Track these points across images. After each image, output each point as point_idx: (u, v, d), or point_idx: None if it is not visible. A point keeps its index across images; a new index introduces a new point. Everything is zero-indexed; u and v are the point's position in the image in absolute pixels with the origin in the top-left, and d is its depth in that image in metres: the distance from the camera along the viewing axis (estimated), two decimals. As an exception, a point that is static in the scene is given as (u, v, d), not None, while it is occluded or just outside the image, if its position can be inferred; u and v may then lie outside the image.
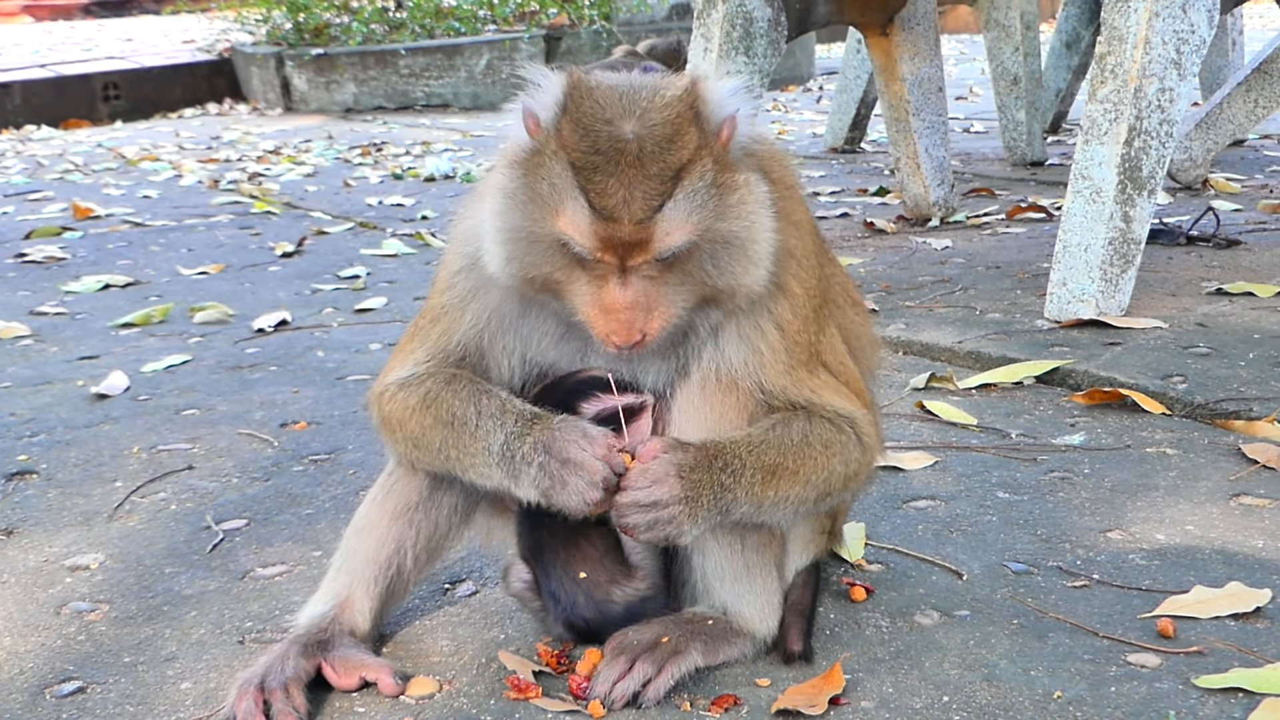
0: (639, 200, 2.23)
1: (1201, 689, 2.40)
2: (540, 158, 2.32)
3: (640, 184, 2.23)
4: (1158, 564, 2.94)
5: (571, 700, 2.45)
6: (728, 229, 2.32)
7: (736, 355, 2.46)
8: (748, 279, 2.36)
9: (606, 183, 2.24)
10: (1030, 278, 5.65)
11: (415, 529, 2.68)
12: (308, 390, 4.57)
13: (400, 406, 2.56)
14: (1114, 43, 4.74)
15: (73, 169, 11.24)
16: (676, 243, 2.27)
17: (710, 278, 2.34)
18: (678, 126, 2.28)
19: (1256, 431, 3.70)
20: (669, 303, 2.33)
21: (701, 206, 2.27)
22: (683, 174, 2.26)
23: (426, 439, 2.52)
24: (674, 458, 2.34)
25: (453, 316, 2.58)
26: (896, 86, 6.91)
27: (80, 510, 3.54)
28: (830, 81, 15.66)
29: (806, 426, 2.46)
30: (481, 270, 2.48)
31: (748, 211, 2.34)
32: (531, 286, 2.39)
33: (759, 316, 2.46)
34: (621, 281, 2.29)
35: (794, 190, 2.58)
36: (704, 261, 2.32)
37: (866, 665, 2.55)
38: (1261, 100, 7.23)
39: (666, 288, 2.32)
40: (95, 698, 2.56)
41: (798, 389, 2.48)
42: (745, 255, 2.35)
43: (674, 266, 2.31)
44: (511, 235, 2.35)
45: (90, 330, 5.62)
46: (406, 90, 15.41)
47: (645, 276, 2.29)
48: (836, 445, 2.48)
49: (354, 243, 7.49)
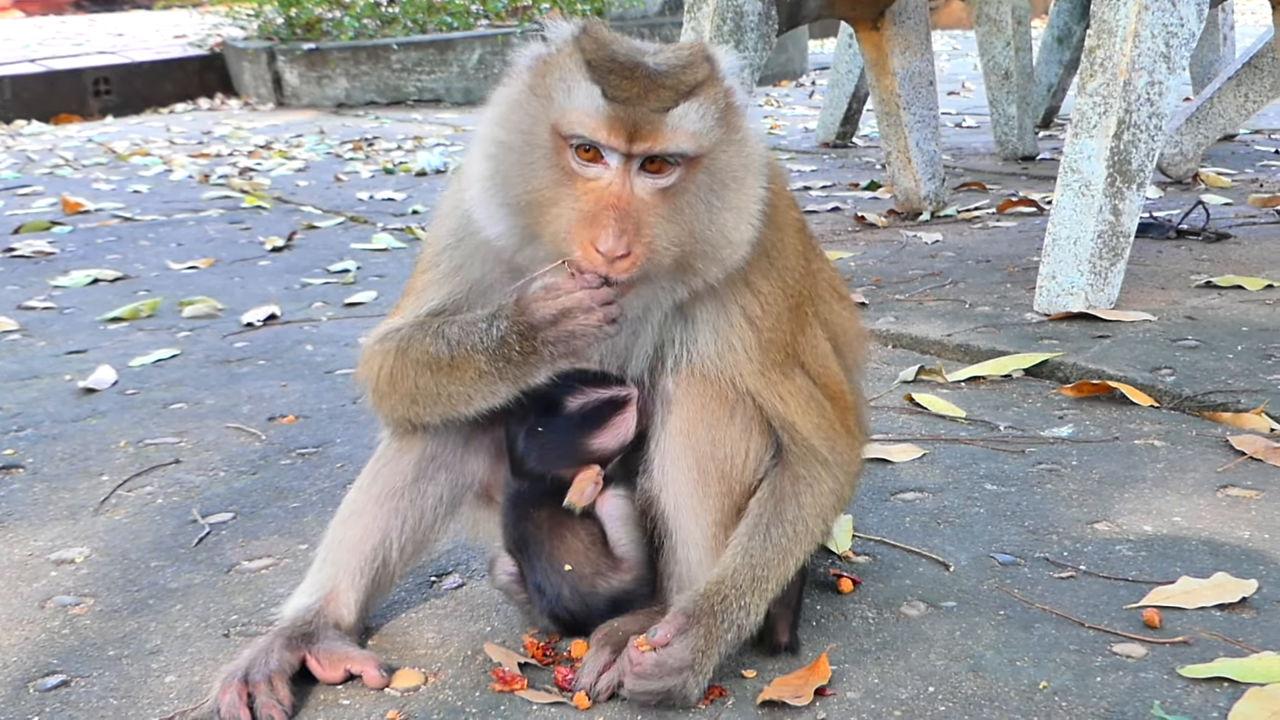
0: (653, 97, 2.25)
1: (1187, 679, 2.40)
2: (552, 63, 2.33)
3: (655, 88, 2.26)
4: (1144, 555, 2.94)
5: (557, 692, 2.45)
6: (726, 163, 2.33)
7: (710, 348, 2.46)
8: (734, 234, 2.36)
9: (621, 80, 2.25)
10: (1020, 271, 5.65)
11: (401, 519, 2.67)
12: (296, 384, 4.56)
13: (376, 365, 2.57)
14: (1103, 36, 4.74)
15: (63, 164, 11.21)
16: (683, 144, 2.26)
17: (699, 223, 2.32)
18: (693, 59, 2.32)
19: (1244, 423, 3.70)
20: (657, 232, 2.29)
21: (711, 127, 2.29)
22: (697, 92, 2.28)
23: (419, 388, 2.50)
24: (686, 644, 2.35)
25: (433, 289, 2.58)
26: (887, 81, 6.91)
27: (66, 504, 3.53)
28: (823, 77, 15.65)
29: (796, 510, 2.50)
30: (465, 247, 2.49)
31: (747, 153, 2.37)
32: (517, 219, 2.36)
33: (731, 311, 2.45)
34: (617, 185, 2.27)
35: (780, 192, 2.57)
36: (697, 199, 2.32)
37: (853, 656, 2.55)
38: (1252, 95, 7.24)
39: (657, 215, 2.29)
40: (79, 691, 2.55)
41: (770, 394, 2.48)
42: (736, 203, 2.35)
43: (669, 196, 2.29)
44: (504, 147, 2.35)
45: (78, 325, 5.61)
46: (398, 85, 15.39)
47: (641, 194, 2.28)
48: (827, 503, 2.55)
49: (344, 237, 7.48)
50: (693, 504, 2.48)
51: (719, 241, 2.35)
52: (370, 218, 8.02)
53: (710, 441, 2.46)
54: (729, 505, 2.49)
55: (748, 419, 2.48)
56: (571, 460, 2.56)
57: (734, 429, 2.47)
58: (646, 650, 2.33)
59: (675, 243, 2.32)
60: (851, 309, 2.88)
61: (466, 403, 2.49)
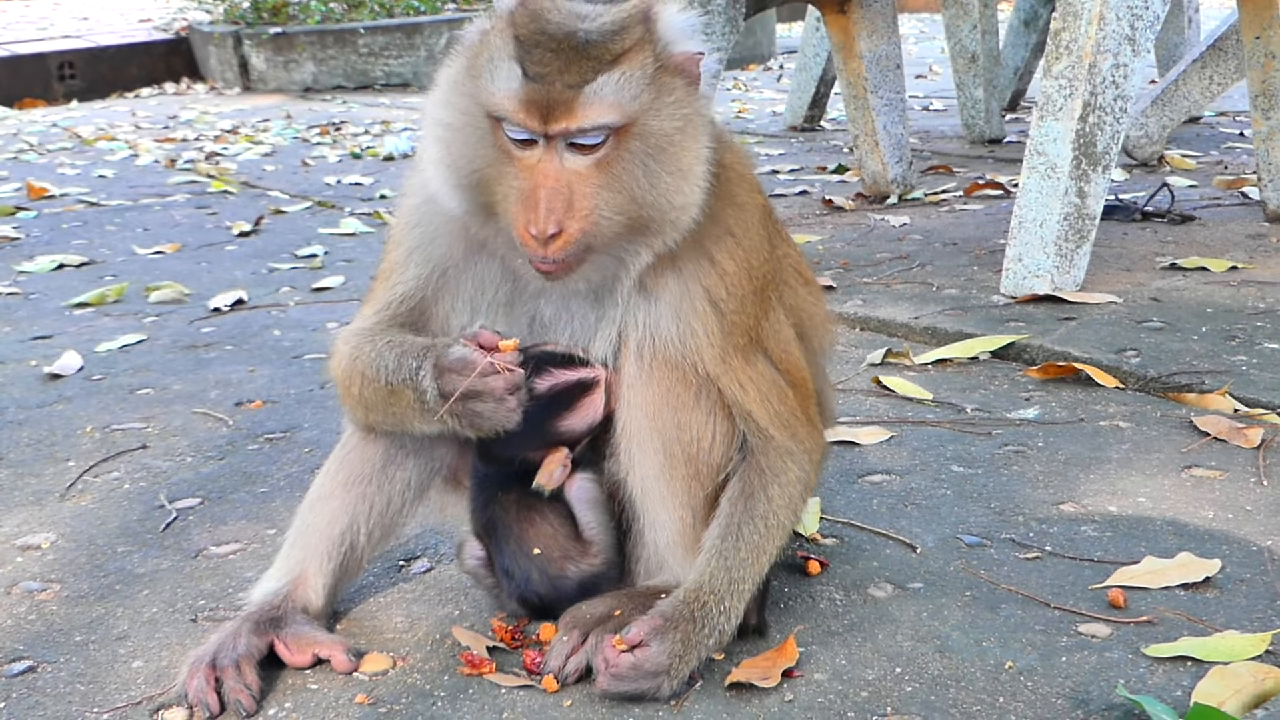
0: (573, 71, 2.23)
1: (1151, 658, 2.42)
2: (486, 39, 2.33)
3: (577, 61, 2.23)
4: (1109, 535, 2.96)
5: (525, 675, 2.45)
6: (659, 128, 2.29)
7: (672, 329, 2.45)
8: (679, 198, 2.33)
9: (544, 55, 2.24)
10: (987, 254, 5.67)
11: (369, 503, 2.67)
12: (264, 369, 4.54)
13: (338, 364, 2.58)
14: (1069, 18, 4.76)
15: (27, 149, 11.13)
16: (602, 118, 2.24)
17: (640, 188, 2.30)
18: (625, 24, 2.28)
19: (1208, 404, 3.73)
20: (593, 204, 2.28)
21: (635, 96, 2.26)
22: (622, 60, 2.26)
23: (365, 397, 2.52)
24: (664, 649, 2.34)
25: (400, 272, 2.58)
26: (854, 64, 6.91)
27: (32, 490, 3.51)
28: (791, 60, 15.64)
29: (766, 505, 2.50)
30: (428, 225, 2.50)
31: (683, 114, 2.32)
32: (472, 198, 2.36)
33: (694, 292, 2.44)
34: (545, 163, 2.26)
35: (744, 176, 2.56)
36: (634, 166, 2.29)
37: (820, 638, 2.56)
38: (1216, 77, 7.27)
39: (592, 187, 2.28)
40: (45, 677, 2.54)
41: (730, 380, 2.47)
42: (677, 165, 2.32)
43: (603, 166, 2.28)
44: (449, 129, 2.37)
45: (44, 310, 5.57)
46: (366, 69, 15.32)
47: (572, 169, 2.27)
48: (795, 492, 2.56)
49: (312, 222, 7.45)
50: (659, 487, 2.48)
51: (663, 206, 2.32)
52: (338, 202, 7.99)
53: (676, 425, 2.46)
54: (696, 488, 2.49)
55: (712, 403, 2.48)
56: (539, 443, 2.56)
57: (699, 412, 2.47)
58: (623, 651, 2.33)
59: (617, 211, 2.30)
60: (817, 294, 2.88)
61: (410, 425, 2.50)
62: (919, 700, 2.33)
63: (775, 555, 2.52)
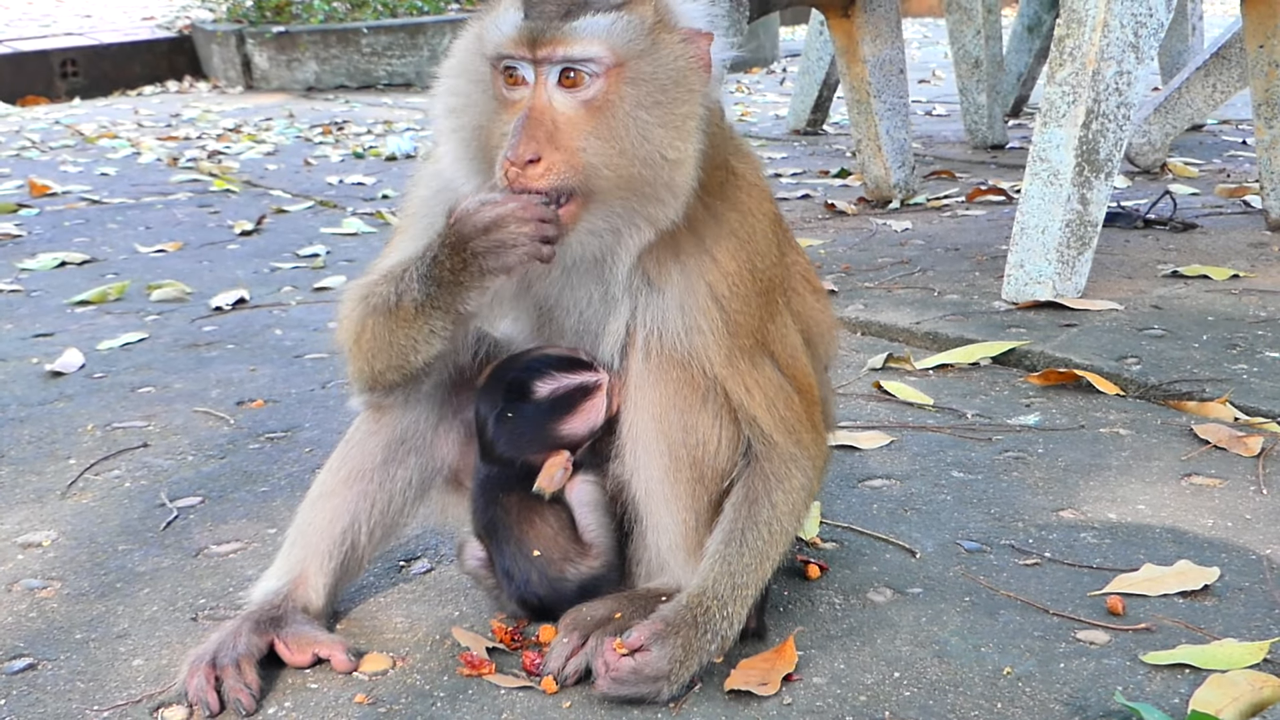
0: (571, 9, 2.25)
1: (1149, 665, 2.42)
2: (493, 5, 2.36)
3: (579, 3, 2.25)
4: (1109, 542, 2.97)
5: (525, 676, 2.45)
6: (653, 75, 2.28)
7: (678, 322, 2.44)
8: (671, 152, 2.29)
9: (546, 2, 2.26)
10: (988, 260, 5.68)
11: (370, 501, 2.67)
12: (265, 368, 4.55)
13: (346, 315, 2.56)
14: (1072, 25, 4.76)
15: (30, 146, 11.13)
16: (591, 49, 2.24)
17: (630, 138, 2.27)
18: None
19: (1208, 412, 3.73)
20: (579, 144, 2.26)
21: (630, 40, 2.26)
22: (623, 8, 2.27)
23: (375, 340, 2.48)
24: (665, 654, 2.34)
25: (404, 248, 2.56)
26: (858, 68, 6.92)
27: (33, 487, 3.51)
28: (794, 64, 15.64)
29: (770, 511, 2.50)
30: (437, 205, 2.48)
31: (679, 68, 2.30)
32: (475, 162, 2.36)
33: (698, 288, 2.43)
34: (532, 98, 2.26)
35: (754, 184, 2.54)
36: (624, 114, 2.27)
37: (819, 642, 2.56)
38: (1220, 85, 7.27)
39: (578, 128, 2.26)
40: (46, 674, 2.54)
41: (736, 384, 2.47)
42: (669, 118, 2.29)
43: (592, 110, 2.26)
44: (456, 92, 2.39)
45: (45, 308, 5.58)
46: (369, 69, 15.32)
47: (559, 106, 2.26)
48: (799, 499, 2.55)
49: (314, 221, 7.45)
50: (664, 489, 2.48)
51: (655, 161, 2.29)
52: (340, 202, 8.00)
53: (682, 427, 2.46)
54: (700, 491, 2.49)
55: (719, 406, 2.48)
56: (541, 445, 2.56)
57: (706, 415, 2.47)
58: (624, 654, 2.33)
59: (605, 162, 2.27)
60: (825, 301, 2.88)
61: (413, 350, 2.45)
62: (917, 705, 2.33)
63: (778, 561, 2.52)
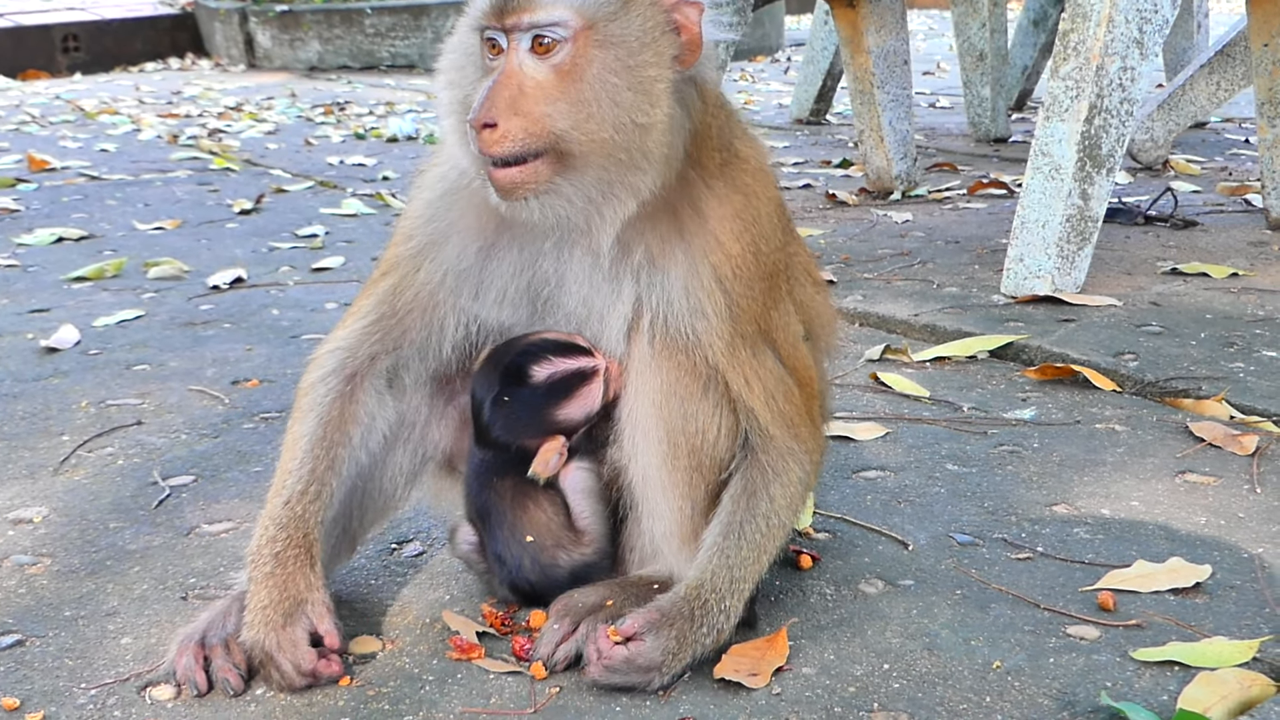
0: None
1: (1138, 662, 2.42)
2: None
3: None
4: (1101, 538, 2.96)
5: (514, 661, 2.45)
6: (621, 37, 2.27)
7: (683, 304, 2.42)
8: (641, 116, 2.28)
9: None
10: (988, 253, 5.67)
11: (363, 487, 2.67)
12: (261, 348, 4.54)
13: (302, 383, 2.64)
14: (1077, 20, 4.75)
15: (29, 120, 11.12)
16: (556, 15, 2.23)
17: (599, 102, 2.26)
18: None
19: (1204, 410, 3.73)
20: (544, 110, 2.25)
21: (600, 2, 2.26)
22: None
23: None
24: (659, 645, 2.34)
25: (405, 269, 2.56)
26: (862, 59, 6.90)
27: (26, 463, 3.51)
28: (798, 53, 15.64)
29: (769, 504, 2.49)
30: (443, 220, 2.48)
31: (648, 29, 2.29)
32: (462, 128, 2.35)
33: (702, 269, 2.42)
34: (504, 64, 2.27)
35: (759, 168, 2.53)
36: (593, 77, 2.26)
37: (809, 632, 2.56)
38: (1224, 83, 7.26)
39: (546, 93, 2.25)
40: (34, 651, 2.54)
41: (735, 374, 2.46)
42: (638, 81, 2.28)
43: (561, 75, 2.26)
44: (453, 66, 2.43)
45: (42, 283, 5.57)
46: (372, 50, 15.31)
47: (529, 73, 2.26)
48: (796, 492, 2.54)
49: (313, 201, 7.44)
50: (661, 476, 2.47)
51: (625, 124, 2.27)
52: (340, 183, 7.99)
53: (682, 415, 2.45)
54: (697, 480, 2.48)
55: (719, 396, 2.47)
56: (537, 430, 2.56)
57: (706, 404, 2.46)
58: (618, 642, 2.32)
59: (575, 125, 2.26)
60: (825, 293, 2.87)
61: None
62: (906, 697, 2.33)
63: (775, 555, 2.52)
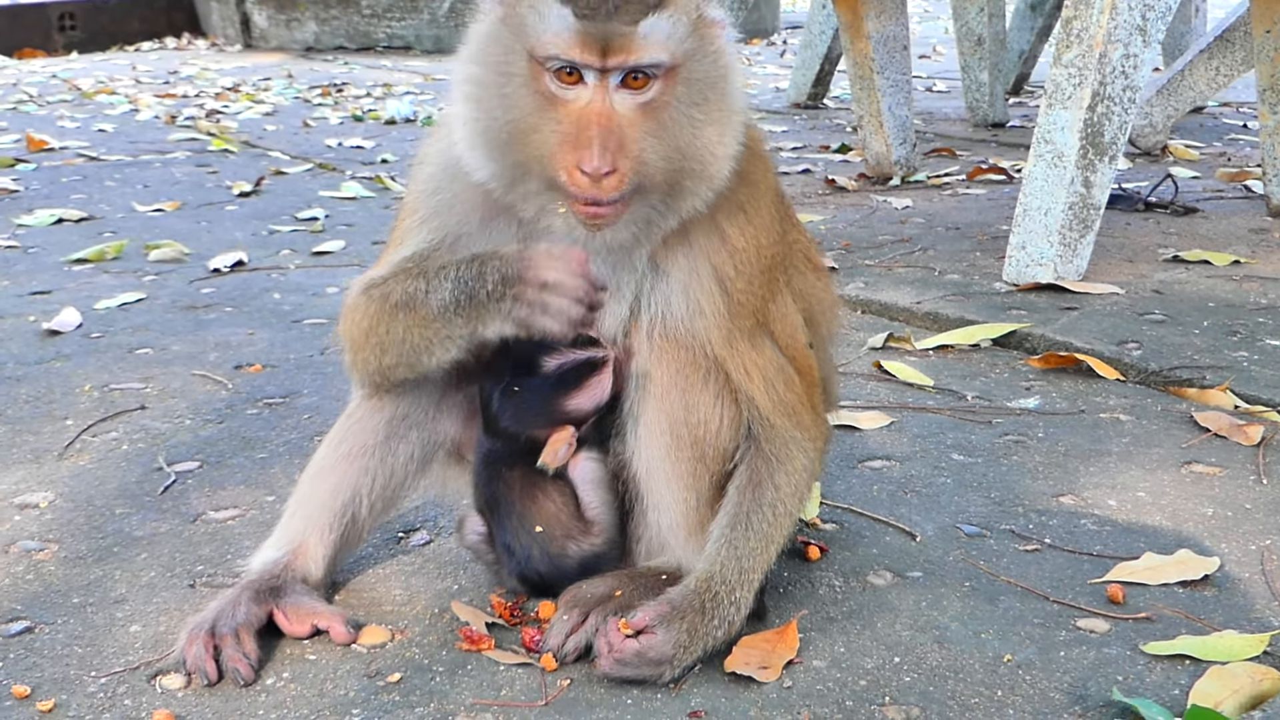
0: (626, 11, 2.22)
1: (1149, 655, 2.42)
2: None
3: (625, 3, 2.22)
4: (1109, 530, 2.97)
5: (524, 653, 2.45)
6: (703, 74, 2.32)
7: (681, 305, 2.44)
8: (720, 148, 2.33)
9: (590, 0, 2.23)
10: (989, 240, 5.67)
11: (371, 476, 2.66)
12: (263, 332, 4.53)
13: (360, 312, 2.52)
14: (1080, 7, 4.74)
15: (27, 100, 11.08)
16: (658, 55, 2.24)
17: (684, 136, 2.30)
18: None
19: (1208, 400, 3.73)
20: (641, 147, 2.27)
21: (683, 39, 2.27)
22: (665, 5, 2.26)
23: (389, 334, 2.46)
24: (670, 638, 2.34)
25: (413, 235, 2.54)
26: (861, 44, 6.89)
27: (30, 448, 3.50)
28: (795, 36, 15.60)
29: (774, 493, 2.50)
30: (445, 193, 2.47)
31: (724, 64, 2.35)
32: (505, 156, 2.33)
33: (702, 270, 2.43)
34: (596, 102, 2.25)
35: (759, 154, 2.55)
36: (679, 112, 2.29)
37: (819, 624, 2.56)
38: (1223, 68, 7.26)
39: (640, 130, 2.27)
40: (43, 638, 2.54)
41: (735, 365, 2.46)
42: (719, 114, 2.33)
43: (649, 111, 2.27)
44: (482, 85, 2.34)
45: (42, 265, 5.55)
46: (369, 31, 15.26)
47: (621, 109, 2.26)
48: (802, 480, 2.55)
49: (312, 184, 7.42)
50: (666, 469, 2.48)
51: (705, 156, 2.33)
52: (339, 165, 7.97)
53: (684, 407, 2.46)
54: (702, 471, 2.48)
55: (721, 386, 2.47)
56: (546, 421, 2.55)
57: (708, 395, 2.46)
58: (629, 635, 2.33)
59: (663, 158, 2.29)
60: (826, 279, 2.86)
61: (428, 351, 2.44)
62: (917, 691, 2.33)
63: (783, 544, 2.52)
